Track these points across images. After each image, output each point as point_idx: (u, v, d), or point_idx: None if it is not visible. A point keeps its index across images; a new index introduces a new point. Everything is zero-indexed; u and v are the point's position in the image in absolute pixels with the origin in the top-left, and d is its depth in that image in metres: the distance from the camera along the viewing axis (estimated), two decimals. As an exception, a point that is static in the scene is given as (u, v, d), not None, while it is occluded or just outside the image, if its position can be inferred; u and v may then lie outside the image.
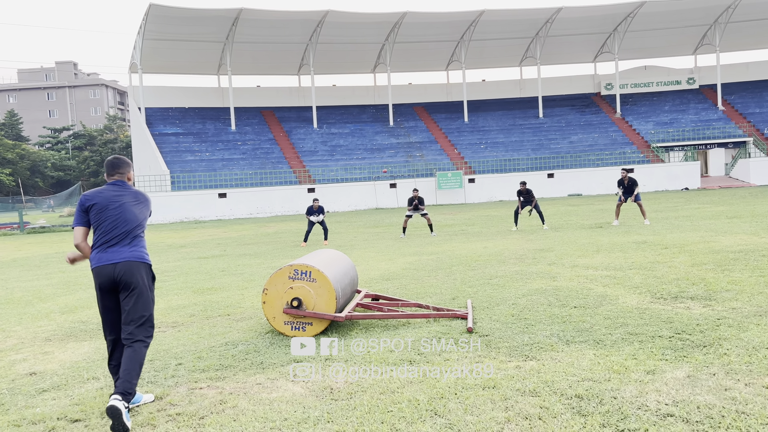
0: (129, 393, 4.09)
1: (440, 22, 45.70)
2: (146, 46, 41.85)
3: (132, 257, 4.36)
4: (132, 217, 4.44)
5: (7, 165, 68.12)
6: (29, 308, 8.84)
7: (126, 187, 4.55)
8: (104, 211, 4.40)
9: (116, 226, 4.38)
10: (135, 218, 4.45)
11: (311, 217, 17.05)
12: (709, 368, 4.50)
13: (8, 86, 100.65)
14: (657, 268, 8.93)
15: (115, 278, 4.31)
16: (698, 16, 47.96)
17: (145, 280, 4.41)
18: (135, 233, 4.44)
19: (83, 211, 4.44)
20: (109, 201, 4.43)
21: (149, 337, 4.39)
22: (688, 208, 22.17)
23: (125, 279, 4.31)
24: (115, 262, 4.31)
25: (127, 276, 4.31)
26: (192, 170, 39.63)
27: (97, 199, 4.44)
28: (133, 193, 4.54)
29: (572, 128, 47.77)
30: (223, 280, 10.66)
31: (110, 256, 4.33)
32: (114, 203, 4.42)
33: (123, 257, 4.33)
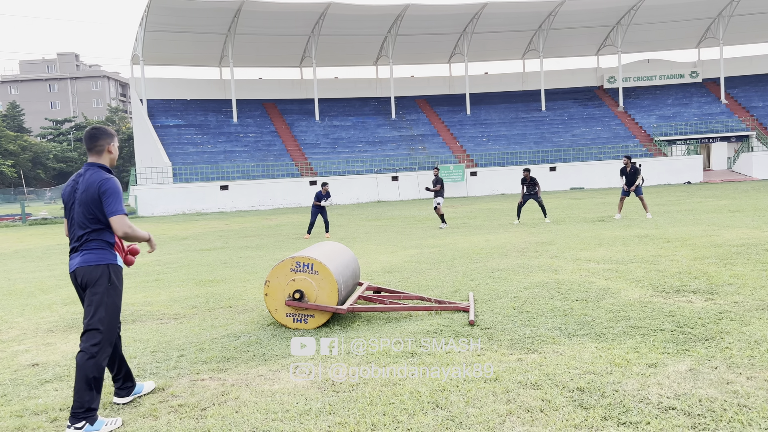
0: (80, 410, 3.82)
1: (443, 14, 45.52)
2: (148, 37, 41.75)
3: (82, 263, 4.03)
4: (80, 217, 4.03)
5: (9, 156, 68.15)
6: (31, 299, 8.86)
7: (92, 172, 4.07)
8: (66, 210, 4.15)
9: (71, 228, 4.12)
10: (83, 218, 4.02)
11: (321, 201, 16.88)
12: (711, 362, 4.50)
13: (10, 77, 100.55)
14: (659, 262, 8.92)
15: (80, 284, 4.08)
16: (702, 9, 47.73)
17: (99, 283, 4.01)
18: (84, 234, 4.03)
19: (63, 202, 4.20)
20: (69, 197, 4.12)
21: (94, 347, 3.93)
22: (691, 201, 22.13)
23: (84, 283, 4.05)
24: (72, 270, 4.09)
25: (84, 281, 4.04)
26: (194, 162, 39.62)
27: (64, 192, 4.17)
28: (90, 184, 4.02)
29: (575, 121, 47.65)
30: (225, 272, 10.67)
31: (70, 263, 4.11)
32: (71, 200, 4.10)
33: (75, 264, 4.06)
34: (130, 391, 4.39)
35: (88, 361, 3.90)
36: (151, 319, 7.09)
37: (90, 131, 4.18)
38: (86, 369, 3.88)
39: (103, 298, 4.02)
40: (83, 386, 3.86)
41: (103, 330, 3.98)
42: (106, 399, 4.43)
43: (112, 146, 4.20)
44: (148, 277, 10.49)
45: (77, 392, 3.86)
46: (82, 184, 4.05)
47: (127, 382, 4.38)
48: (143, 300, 8.31)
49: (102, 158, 4.17)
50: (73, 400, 3.86)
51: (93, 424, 3.84)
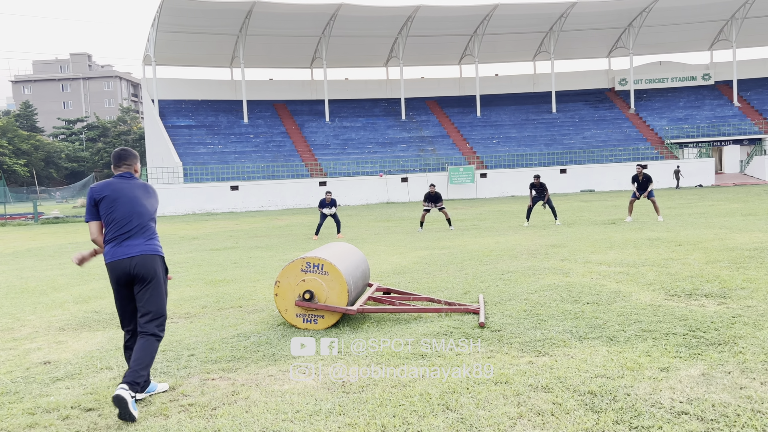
0: (136, 383, 4.07)
1: (454, 15, 45.48)
2: (160, 38, 41.98)
3: (147, 250, 4.33)
4: (144, 209, 4.39)
5: (22, 156, 68.73)
6: (43, 298, 8.92)
7: (134, 179, 4.50)
8: (115, 204, 4.33)
9: (130, 219, 4.33)
10: (147, 210, 4.41)
11: (324, 210, 17.09)
12: (724, 366, 4.46)
13: (24, 77, 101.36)
14: (671, 265, 8.86)
15: (131, 272, 4.28)
16: (715, 11, 47.43)
17: (160, 273, 4.39)
18: (148, 225, 4.40)
19: (93, 204, 4.37)
20: (119, 193, 4.36)
21: (162, 331, 4.38)
22: (702, 204, 21.98)
23: (141, 272, 4.28)
24: (131, 255, 4.27)
25: (142, 269, 4.28)
26: (204, 162, 39.79)
27: (107, 191, 4.36)
28: (142, 185, 4.49)
29: (585, 124, 47.47)
30: (235, 272, 10.69)
31: (126, 250, 4.28)
32: (125, 195, 4.36)
33: (139, 251, 4.29)
34: (144, 388, 4.42)
35: (156, 343, 4.34)
36: (161, 318, 7.11)
37: (120, 152, 4.57)
38: (154, 349, 4.30)
39: (165, 285, 4.47)
40: (148, 362, 4.22)
41: (165, 315, 4.46)
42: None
43: (137, 165, 4.62)
44: (159, 277, 10.51)
45: (141, 367, 4.16)
46: (139, 183, 4.49)
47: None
48: (154, 299, 8.33)
49: (132, 172, 4.58)
50: (134, 373, 4.11)
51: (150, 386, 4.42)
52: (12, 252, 16.80)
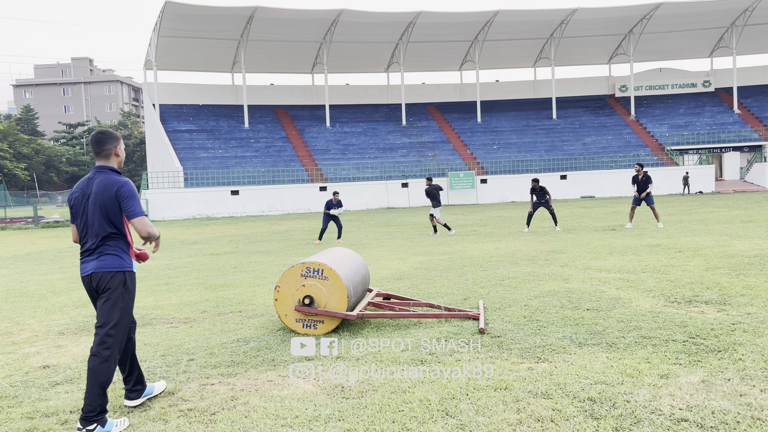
0: (92, 413, 3.84)
1: (454, 22, 45.60)
2: (161, 43, 42.08)
3: (99, 268, 4.04)
4: (96, 218, 4.02)
5: (23, 159, 68.80)
6: (43, 302, 8.91)
7: (104, 175, 4.07)
8: (76, 214, 4.12)
9: (85, 231, 4.09)
10: (99, 219, 4.02)
11: (331, 210, 16.99)
12: (723, 373, 4.45)
13: (25, 81, 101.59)
14: (671, 272, 8.86)
15: (94, 288, 4.09)
16: (715, 19, 47.55)
17: (113, 288, 4.04)
18: (100, 238, 4.04)
19: (69, 207, 4.17)
20: (79, 200, 4.10)
21: (105, 349, 3.96)
22: (702, 211, 21.98)
23: (98, 288, 4.07)
24: (87, 273, 4.07)
25: (98, 286, 4.06)
26: (205, 167, 39.82)
27: (73, 196, 4.14)
28: (105, 186, 4.02)
29: (586, 130, 47.52)
30: (235, 276, 10.69)
31: (84, 267, 4.09)
32: (82, 204, 4.08)
33: (92, 268, 4.05)
34: (140, 394, 4.39)
35: (102, 365, 3.93)
36: (161, 322, 7.12)
37: (96, 136, 4.17)
38: (99, 373, 3.91)
39: (118, 303, 4.05)
40: (96, 390, 3.89)
41: (115, 335, 4.03)
42: (116, 402, 4.44)
43: (119, 149, 4.19)
44: (159, 281, 10.52)
45: (90, 396, 3.88)
46: (96, 187, 4.04)
47: (138, 384, 4.37)
48: (154, 303, 8.34)
49: (110, 161, 4.17)
50: (85, 404, 3.88)
51: (104, 426, 3.88)
52: (12, 256, 16.79)
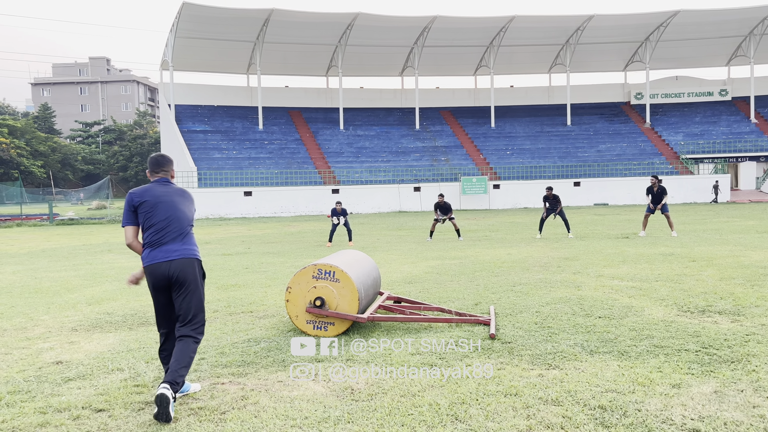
0: (176, 383, 4.14)
1: (470, 27, 45.56)
2: (178, 44, 42.38)
3: (186, 254, 4.42)
4: (182, 214, 4.50)
5: (40, 157, 69.48)
6: (57, 298, 9.00)
7: (171, 184, 4.61)
8: (155, 209, 4.43)
9: (169, 223, 4.43)
10: (185, 215, 4.52)
11: (333, 218, 17.20)
12: (736, 384, 4.41)
13: (43, 80, 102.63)
14: (684, 281, 8.79)
15: (170, 276, 4.36)
16: (733, 27, 47.18)
17: (197, 277, 4.47)
18: (186, 230, 4.50)
19: (132, 210, 4.46)
20: (158, 199, 4.46)
21: (200, 334, 4.45)
22: (717, 221, 21.79)
23: (179, 276, 4.36)
24: (170, 259, 4.36)
25: (181, 273, 4.37)
26: (219, 168, 40.01)
27: (146, 196, 4.46)
28: (179, 191, 4.60)
29: (600, 137, 47.27)
30: (246, 277, 10.73)
31: (164, 254, 4.37)
32: (164, 201, 4.46)
33: (178, 254, 4.39)
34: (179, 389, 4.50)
35: (194, 344, 4.39)
36: (173, 321, 7.15)
37: (157, 157, 4.69)
38: (192, 350, 4.36)
39: (202, 288, 4.53)
40: (187, 363, 4.28)
41: (203, 318, 4.53)
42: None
43: (173, 171, 4.74)
44: (171, 280, 10.57)
45: (181, 368, 4.22)
46: (177, 189, 4.60)
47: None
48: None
49: (168, 178, 4.70)
50: (175, 374, 4.17)
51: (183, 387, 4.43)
52: (27, 252, 16.96)
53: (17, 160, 65.25)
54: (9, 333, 6.81)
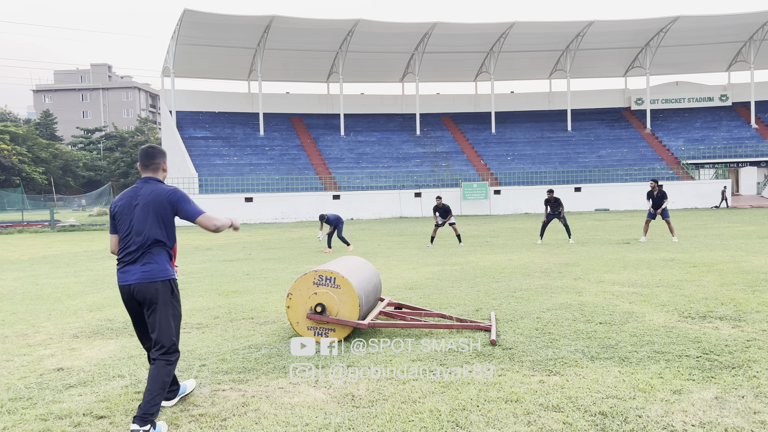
0: (149, 414, 3.88)
1: (470, 33, 45.67)
2: (179, 50, 42.50)
3: (144, 278, 4.06)
4: (145, 227, 4.07)
5: (41, 163, 69.61)
6: (58, 305, 9.00)
7: (152, 185, 4.17)
8: (120, 221, 4.15)
9: (129, 240, 4.10)
10: (148, 228, 4.07)
11: (322, 228, 17.54)
12: (737, 390, 4.41)
13: (45, 87, 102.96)
14: (685, 287, 8.79)
15: (134, 297, 4.12)
16: (733, 33, 47.27)
17: (162, 299, 4.10)
18: (147, 246, 4.08)
19: (112, 217, 4.23)
20: (125, 208, 4.14)
21: (170, 361, 4.12)
22: (718, 226, 21.78)
23: (142, 299, 4.11)
24: (129, 283, 4.09)
25: (141, 297, 4.09)
26: (220, 174, 40.06)
27: (117, 204, 4.18)
28: (157, 195, 4.11)
29: (601, 142, 47.31)
30: (247, 283, 10.74)
31: (124, 277, 4.11)
32: (130, 213, 4.11)
33: (135, 279, 4.07)
34: (175, 394, 4.51)
35: (164, 368, 4.07)
36: (174, 328, 7.16)
37: (147, 149, 4.28)
38: (163, 374, 4.04)
39: (171, 308, 4.18)
40: (159, 391, 3.98)
41: (177, 340, 4.20)
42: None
43: (165, 164, 4.34)
44: (172, 287, 10.58)
45: (152, 398, 3.92)
46: (146, 194, 4.13)
47: (173, 385, 4.47)
48: (167, 309, 8.38)
49: (158, 174, 4.29)
50: (146, 405, 3.90)
51: (155, 428, 3.94)
52: (28, 259, 16.98)
53: (19, 166, 65.38)
54: (10, 340, 6.81)
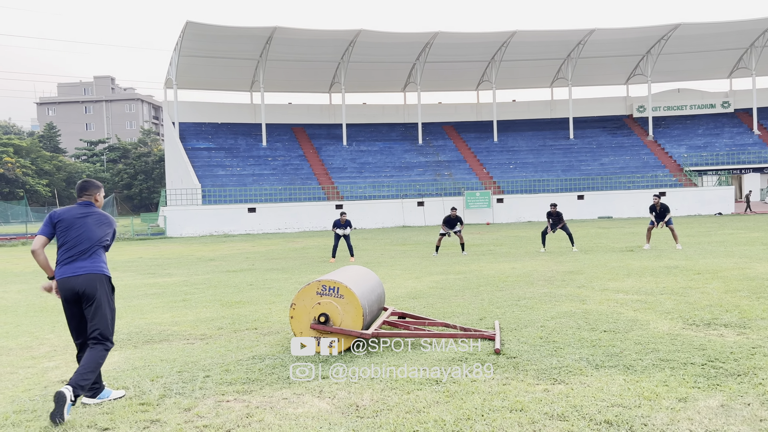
0: (80, 386, 4.44)
1: (472, 42, 45.80)
2: (182, 62, 42.70)
3: (92, 270, 4.78)
4: (93, 235, 4.87)
5: (45, 176, 69.81)
6: (62, 316, 8.98)
7: (91, 207, 4.99)
8: (69, 229, 4.83)
9: (79, 242, 4.81)
10: (96, 236, 4.88)
11: (337, 230, 17.09)
12: (743, 398, 4.39)
13: (48, 99, 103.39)
14: (689, 294, 8.76)
15: (77, 290, 4.73)
16: (734, 40, 47.33)
17: (104, 292, 4.81)
18: (94, 249, 4.85)
19: (51, 224, 4.87)
20: (74, 219, 4.87)
21: (106, 347, 4.76)
22: (722, 233, 21.74)
23: (86, 291, 4.73)
24: (77, 274, 4.74)
25: (88, 288, 4.73)
26: (223, 185, 40.14)
27: (64, 216, 4.87)
28: (97, 215, 4.97)
29: (603, 150, 47.31)
30: (251, 293, 10.74)
31: (72, 270, 4.75)
32: (78, 222, 4.86)
33: (84, 270, 4.76)
34: (97, 393, 4.82)
35: (103, 351, 4.73)
36: (177, 338, 7.17)
37: (82, 183, 5.07)
38: (100, 357, 4.69)
39: (109, 303, 4.86)
40: (93, 368, 4.59)
41: (110, 331, 4.84)
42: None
43: (98, 195, 5.10)
44: (176, 297, 10.60)
45: (86, 372, 4.53)
46: (97, 214, 4.98)
47: (97, 383, 4.85)
48: (171, 320, 8.40)
49: (92, 201, 5.05)
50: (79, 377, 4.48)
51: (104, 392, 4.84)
52: (32, 271, 17.00)
53: (22, 179, 65.58)
54: (14, 352, 6.82)
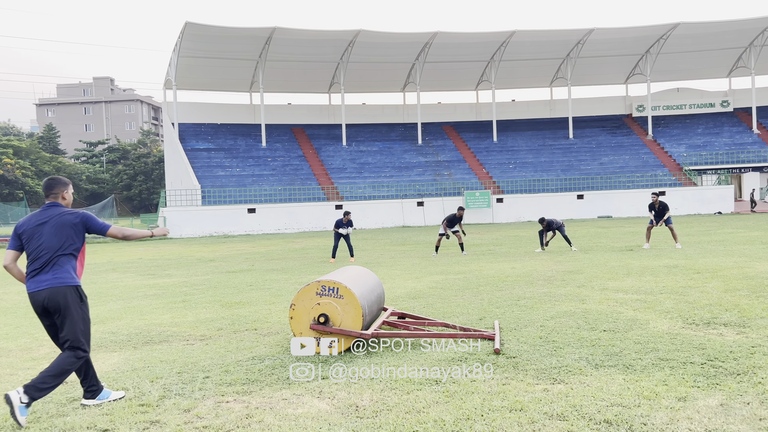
0: (38, 390, 4.40)
1: (471, 42, 45.81)
2: (181, 63, 42.70)
3: (54, 284, 4.61)
4: (52, 245, 4.65)
5: (44, 177, 69.56)
6: (62, 318, 8.99)
7: (55, 209, 4.75)
8: (30, 240, 4.69)
9: (39, 255, 4.66)
10: (54, 246, 4.65)
11: (340, 230, 17.06)
12: (743, 397, 4.39)
13: (48, 101, 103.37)
14: (689, 293, 8.77)
15: (43, 304, 4.62)
16: (733, 39, 47.35)
17: (70, 302, 4.63)
18: (55, 260, 4.65)
19: (16, 236, 4.74)
20: (33, 229, 4.70)
21: (77, 356, 4.64)
22: (721, 232, 21.74)
23: (51, 305, 4.60)
24: (39, 289, 4.61)
25: (51, 302, 4.60)
26: (222, 185, 40.14)
27: (25, 227, 4.72)
28: (55, 219, 4.70)
29: (603, 149, 47.32)
30: (250, 294, 10.74)
31: (35, 284, 4.63)
32: (37, 232, 4.68)
33: (46, 284, 4.61)
34: (95, 395, 4.80)
35: (74, 359, 4.60)
36: (177, 339, 7.17)
37: (47, 181, 4.86)
38: (68, 362, 4.57)
39: (78, 312, 4.69)
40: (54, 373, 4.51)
41: (86, 343, 4.71)
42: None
43: (66, 193, 4.88)
44: (176, 298, 10.60)
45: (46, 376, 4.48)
46: (53, 216, 4.71)
47: (95, 385, 4.85)
48: (170, 321, 8.40)
49: (59, 201, 4.85)
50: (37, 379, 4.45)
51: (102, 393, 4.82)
52: (32, 272, 16.99)
53: (22, 180, 65.60)
54: (14, 353, 6.82)
